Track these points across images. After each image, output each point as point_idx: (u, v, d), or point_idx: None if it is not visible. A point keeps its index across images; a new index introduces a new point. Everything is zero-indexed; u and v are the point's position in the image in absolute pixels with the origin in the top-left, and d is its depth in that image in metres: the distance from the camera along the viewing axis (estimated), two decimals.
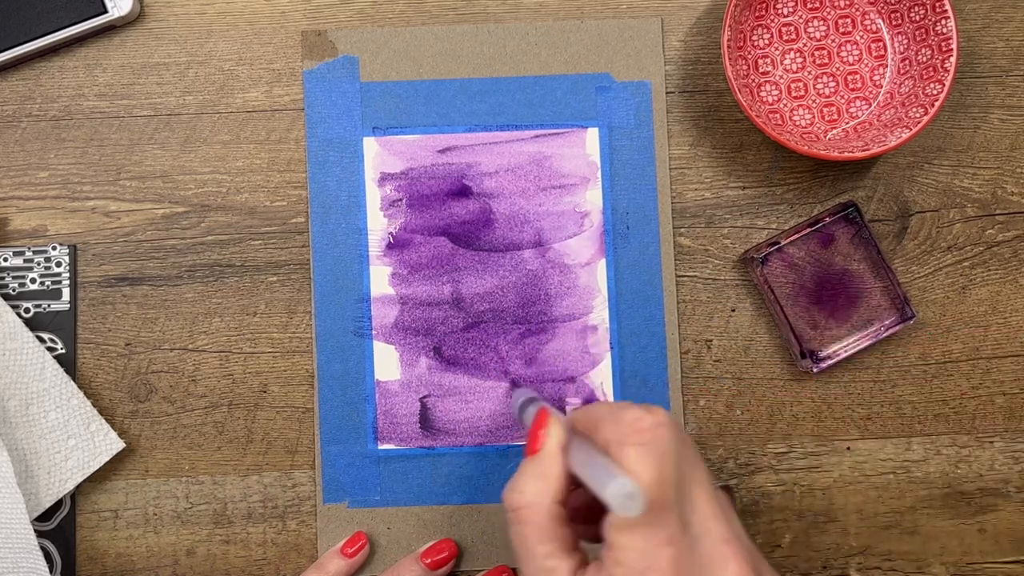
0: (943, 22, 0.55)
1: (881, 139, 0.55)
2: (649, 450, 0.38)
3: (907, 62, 0.58)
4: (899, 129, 0.55)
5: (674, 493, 0.39)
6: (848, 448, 0.59)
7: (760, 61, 0.59)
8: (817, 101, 0.59)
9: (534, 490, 0.41)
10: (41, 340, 0.57)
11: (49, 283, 0.58)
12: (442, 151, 0.58)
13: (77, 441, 0.56)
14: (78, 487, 0.57)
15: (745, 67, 0.58)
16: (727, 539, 0.40)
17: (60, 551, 0.57)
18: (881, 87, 0.59)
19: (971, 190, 0.59)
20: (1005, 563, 0.59)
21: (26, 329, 0.56)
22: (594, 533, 0.42)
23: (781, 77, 0.59)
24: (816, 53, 0.59)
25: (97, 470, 0.56)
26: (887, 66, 0.59)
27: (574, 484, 0.42)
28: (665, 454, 0.39)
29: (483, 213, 0.58)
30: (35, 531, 0.54)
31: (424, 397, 0.58)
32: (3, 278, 0.58)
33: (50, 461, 0.56)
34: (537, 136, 0.58)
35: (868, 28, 0.59)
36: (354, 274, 0.58)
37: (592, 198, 0.58)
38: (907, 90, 0.57)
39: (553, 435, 0.42)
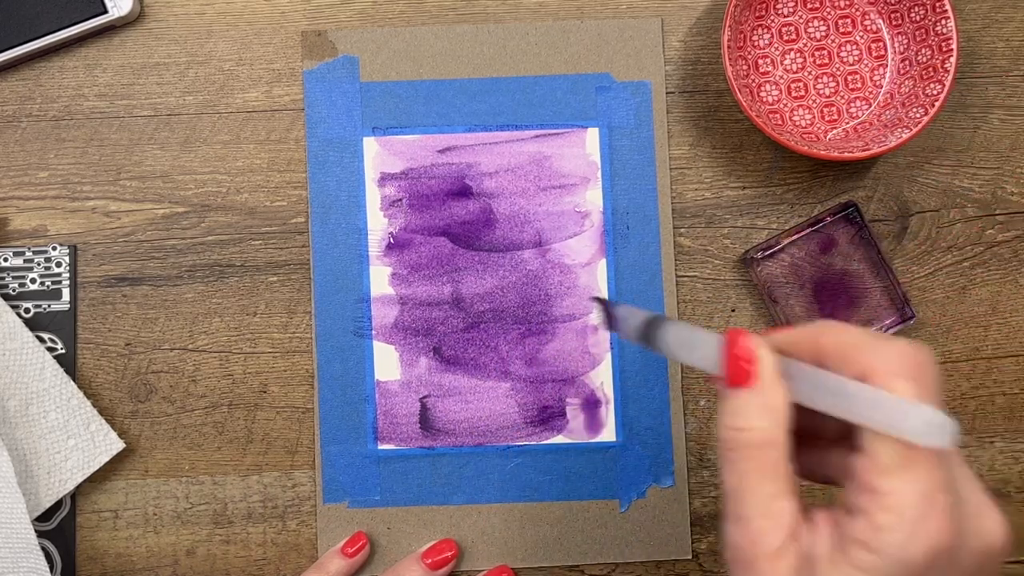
0: (943, 22, 0.55)
1: (881, 139, 0.55)
2: (927, 386, 0.34)
3: (907, 62, 0.58)
4: (899, 129, 0.55)
5: None
6: None
7: (760, 61, 0.59)
8: (817, 101, 0.59)
9: (762, 423, 0.35)
10: (41, 340, 0.57)
11: (49, 283, 0.58)
12: (442, 151, 0.58)
13: (77, 441, 0.56)
14: (78, 487, 0.57)
15: (745, 67, 0.58)
16: (975, 483, 0.36)
17: (60, 551, 0.57)
18: (881, 87, 0.59)
19: (971, 190, 0.59)
20: (1006, 563, 0.59)
21: (26, 329, 0.56)
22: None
23: (781, 77, 0.59)
24: (816, 53, 0.59)
25: (97, 470, 0.56)
26: (887, 66, 0.59)
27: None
28: (938, 393, 0.34)
29: (483, 213, 0.58)
30: (35, 531, 0.54)
31: (424, 397, 0.58)
32: (3, 278, 0.58)
33: (50, 461, 0.56)
34: (537, 136, 0.58)
35: (868, 28, 0.59)
36: (354, 274, 0.58)
37: (592, 198, 0.58)
38: (907, 90, 0.57)
39: (766, 356, 0.36)
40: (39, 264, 0.58)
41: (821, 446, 0.38)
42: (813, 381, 0.35)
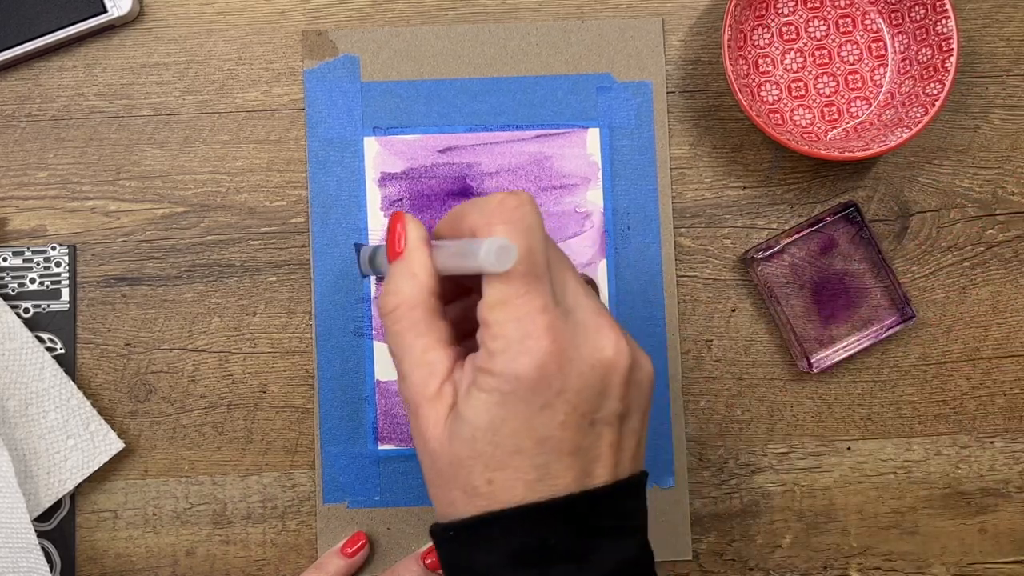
0: (943, 22, 0.55)
1: (881, 139, 0.55)
2: (517, 226, 0.38)
3: (907, 62, 0.58)
4: (899, 129, 0.55)
5: (545, 269, 0.39)
6: (848, 448, 0.59)
7: (760, 61, 0.59)
8: (817, 101, 0.59)
9: (407, 288, 0.40)
10: (40, 340, 0.57)
11: (48, 283, 0.58)
12: (443, 151, 0.58)
13: (76, 441, 0.56)
14: (77, 487, 0.57)
15: (745, 67, 0.58)
16: (599, 311, 0.40)
17: (60, 551, 0.57)
18: (881, 87, 0.59)
19: (971, 190, 0.59)
20: (1005, 563, 0.59)
21: (25, 329, 0.56)
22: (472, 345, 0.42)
23: (781, 77, 0.59)
24: (816, 53, 0.59)
25: (96, 470, 0.56)
26: (887, 66, 0.59)
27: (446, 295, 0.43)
28: (532, 229, 0.39)
29: None
30: (35, 531, 0.54)
31: None
32: (2, 278, 0.57)
33: (49, 461, 0.56)
34: (538, 136, 0.58)
35: (868, 28, 0.59)
36: (354, 274, 0.58)
37: (593, 198, 0.58)
38: (907, 90, 0.57)
39: (412, 230, 0.41)
40: (38, 264, 0.58)
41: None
42: (442, 250, 0.40)
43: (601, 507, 0.39)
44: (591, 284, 0.57)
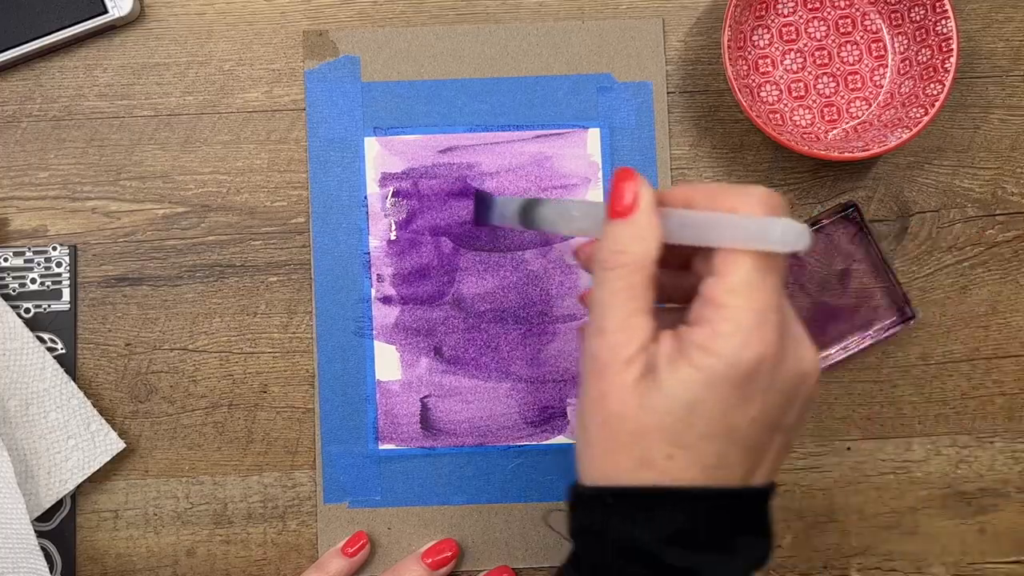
0: (943, 22, 0.55)
1: (881, 139, 0.55)
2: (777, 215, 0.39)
3: (907, 62, 0.58)
4: (899, 129, 0.55)
5: (787, 270, 0.40)
6: (848, 448, 0.59)
7: (760, 61, 0.59)
8: (817, 101, 0.59)
9: (637, 249, 0.39)
10: (41, 340, 0.57)
11: (49, 283, 0.58)
12: (443, 151, 0.58)
13: (77, 441, 0.56)
14: (78, 487, 0.57)
15: (745, 67, 0.58)
16: (800, 323, 0.41)
17: (60, 551, 0.57)
18: (881, 87, 0.59)
19: (971, 190, 0.59)
20: (1005, 563, 0.59)
21: (26, 329, 0.56)
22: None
23: (781, 77, 0.59)
24: (816, 53, 0.59)
25: (97, 470, 0.56)
26: (887, 66, 0.59)
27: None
28: None
29: None
30: (35, 531, 0.54)
31: (425, 397, 0.58)
32: (3, 278, 0.57)
33: (50, 461, 0.56)
34: (538, 136, 0.58)
35: (868, 28, 0.59)
36: (355, 274, 0.58)
37: (593, 199, 0.58)
38: (907, 90, 0.57)
39: (646, 192, 0.40)
40: (39, 264, 0.58)
41: (668, 275, 0.43)
42: (682, 220, 0.40)
43: (756, 506, 0.40)
44: None
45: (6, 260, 0.58)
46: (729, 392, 0.38)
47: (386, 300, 0.58)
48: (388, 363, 0.58)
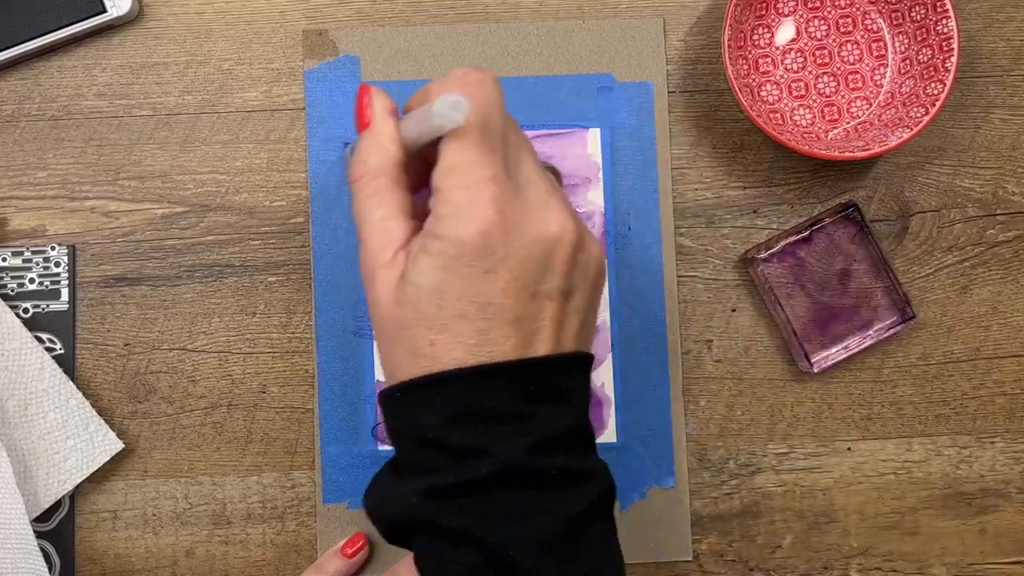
0: (944, 22, 0.55)
1: (882, 139, 0.55)
2: (476, 96, 0.40)
3: (908, 62, 0.58)
4: (900, 129, 0.55)
5: (499, 142, 0.40)
6: (849, 449, 0.59)
7: (761, 61, 0.59)
8: (818, 101, 0.59)
9: (373, 157, 0.42)
10: (40, 340, 0.57)
11: (48, 283, 0.58)
12: None
13: (76, 442, 0.56)
14: (77, 488, 0.57)
15: (746, 67, 0.58)
16: (551, 191, 0.41)
17: (59, 552, 0.57)
18: (882, 87, 0.58)
19: (972, 190, 0.59)
20: (1006, 564, 0.59)
21: (25, 329, 0.56)
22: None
23: (782, 77, 0.59)
24: (817, 53, 0.59)
25: (96, 471, 0.56)
26: (888, 66, 0.59)
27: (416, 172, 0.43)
28: (491, 101, 0.40)
29: None
30: (34, 532, 0.54)
31: None
32: (2, 278, 0.57)
33: (49, 462, 0.56)
34: (539, 136, 0.58)
35: (869, 28, 0.59)
36: (354, 274, 0.58)
37: (593, 199, 0.58)
38: (908, 90, 0.57)
39: (378, 102, 0.43)
40: (38, 264, 0.58)
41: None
42: (406, 120, 0.42)
43: (540, 375, 0.40)
44: (554, 173, 0.58)
45: (5, 260, 0.57)
46: (465, 270, 0.39)
47: None
48: None
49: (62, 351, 0.57)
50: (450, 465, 0.39)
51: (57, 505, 0.57)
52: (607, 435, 0.58)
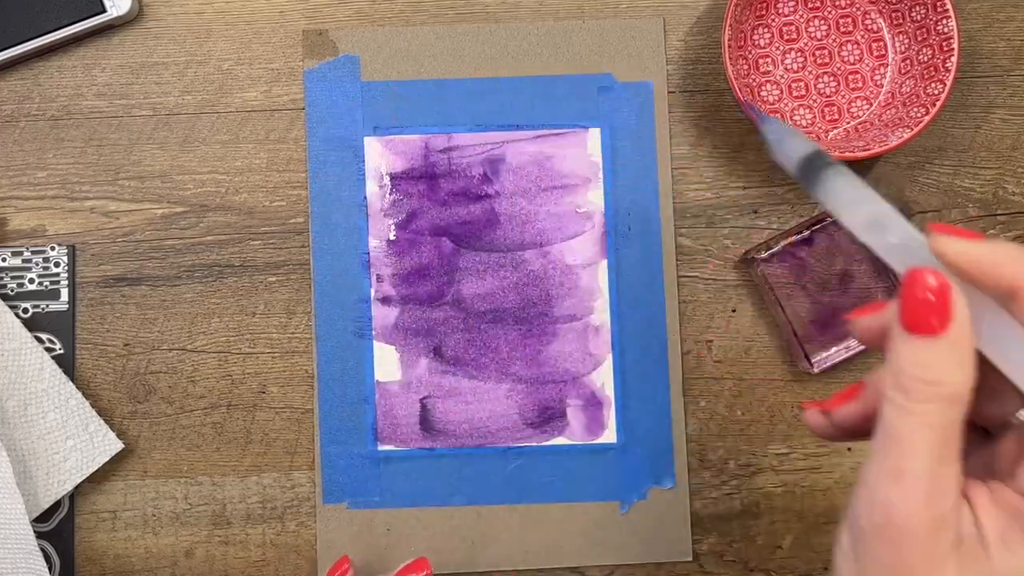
0: (944, 21, 0.55)
1: (882, 139, 0.55)
2: None
3: (908, 62, 0.58)
4: (900, 129, 0.55)
5: None
6: (849, 449, 0.59)
7: (761, 61, 0.59)
8: (818, 101, 0.59)
9: (956, 378, 0.30)
10: (39, 340, 0.57)
11: (47, 283, 0.57)
12: (443, 151, 0.58)
13: (76, 442, 0.56)
14: (77, 488, 0.57)
15: (746, 67, 0.58)
16: None
17: (59, 552, 0.57)
18: (882, 87, 0.58)
19: (972, 190, 0.59)
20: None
21: (25, 329, 0.56)
22: None
23: (782, 77, 0.59)
24: (817, 53, 0.59)
25: (96, 471, 0.56)
26: (888, 66, 0.59)
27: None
28: None
29: (484, 214, 0.58)
30: (34, 532, 0.54)
31: (424, 398, 0.58)
32: (2, 278, 0.57)
33: (48, 462, 0.55)
34: (538, 136, 0.58)
35: (869, 28, 0.59)
36: (354, 274, 0.58)
37: (593, 199, 0.58)
38: (908, 90, 0.57)
39: (961, 302, 0.30)
40: (37, 264, 0.58)
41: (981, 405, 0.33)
42: (995, 330, 0.30)
43: None
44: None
45: (4, 260, 0.57)
46: None
47: (385, 300, 0.58)
48: (387, 364, 0.58)
49: (62, 351, 0.57)
50: None
51: (57, 505, 0.57)
52: (607, 436, 0.58)
